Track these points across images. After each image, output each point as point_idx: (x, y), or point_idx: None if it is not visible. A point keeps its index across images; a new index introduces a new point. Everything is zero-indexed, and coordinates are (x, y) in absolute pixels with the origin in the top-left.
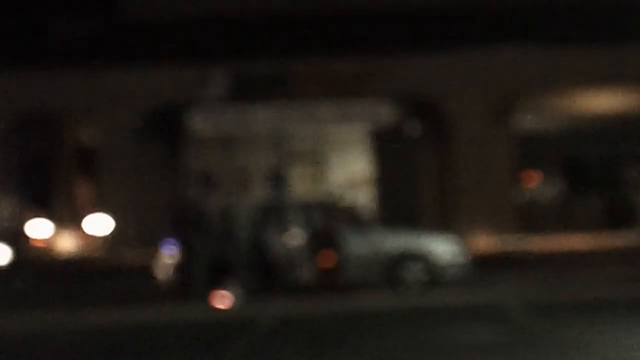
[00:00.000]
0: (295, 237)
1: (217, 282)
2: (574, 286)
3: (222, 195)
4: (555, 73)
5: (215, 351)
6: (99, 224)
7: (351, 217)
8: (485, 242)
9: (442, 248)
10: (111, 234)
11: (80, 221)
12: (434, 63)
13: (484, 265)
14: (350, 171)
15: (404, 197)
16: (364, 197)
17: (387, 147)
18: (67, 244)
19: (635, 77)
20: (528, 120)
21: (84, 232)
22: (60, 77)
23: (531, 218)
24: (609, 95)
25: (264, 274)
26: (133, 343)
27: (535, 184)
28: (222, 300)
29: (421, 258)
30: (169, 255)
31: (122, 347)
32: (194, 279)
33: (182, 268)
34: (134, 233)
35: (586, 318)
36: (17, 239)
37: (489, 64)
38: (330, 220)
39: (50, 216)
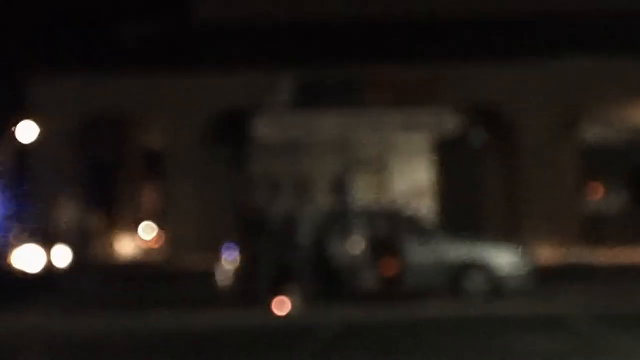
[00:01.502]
0: (358, 245)
1: (279, 288)
2: (639, 299)
3: (285, 201)
4: (621, 85)
5: (276, 357)
6: (161, 228)
7: (414, 226)
8: (550, 253)
9: (506, 258)
10: (174, 238)
11: (144, 224)
12: (500, 73)
13: (548, 277)
14: (414, 180)
15: (467, 207)
16: (427, 206)
17: (451, 156)
18: (130, 247)
19: None
20: (594, 132)
21: (147, 235)
22: (128, 81)
23: (596, 230)
24: None
25: (326, 281)
26: (193, 348)
27: (601, 195)
28: (283, 306)
29: (484, 268)
30: (230, 260)
31: (182, 352)
32: (256, 285)
33: (243, 273)
34: (197, 237)
35: None
36: (81, 242)
37: (555, 75)
38: (393, 228)
39: (114, 219)
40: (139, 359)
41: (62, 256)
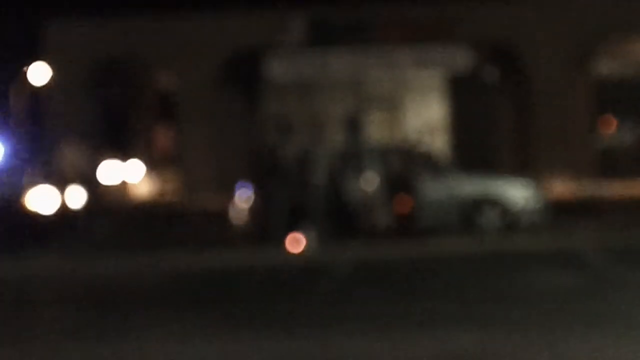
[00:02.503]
0: (371, 182)
1: (293, 226)
2: None
3: (299, 141)
4: (634, 18)
5: (291, 295)
6: (176, 169)
7: (427, 162)
8: (563, 187)
9: (519, 193)
10: (189, 178)
11: (159, 166)
12: (512, 9)
13: (561, 210)
14: (427, 116)
15: (480, 142)
16: (440, 143)
17: (464, 92)
18: (145, 188)
19: None
20: (607, 65)
21: (162, 176)
22: (139, 23)
23: (609, 163)
24: None
25: (339, 219)
26: (208, 287)
27: (614, 128)
28: (297, 243)
29: (498, 203)
30: (245, 200)
31: (197, 291)
32: (270, 224)
33: (258, 213)
34: (211, 177)
35: None
36: (95, 183)
37: (567, 9)
38: (406, 165)
39: (129, 160)
40: (154, 298)
41: (77, 197)
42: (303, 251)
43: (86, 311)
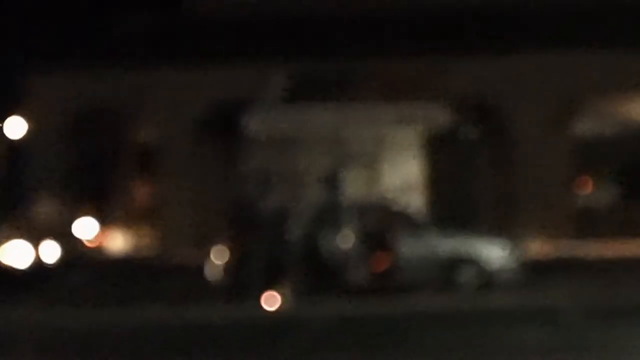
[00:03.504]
0: (349, 239)
1: (270, 282)
2: (629, 292)
3: (277, 196)
4: (614, 78)
5: (267, 352)
6: (153, 223)
7: (405, 220)
8: (540, 246)
9: (496, 252)
10: (164, 232)
11: (136, 219)
12: (492, 66)
13: (538, 270)
14: (405, 174)
15: (458, 201)
16: (418, 200)
17: (443, 150)
18: (121, 242)
19: None
20: (585, 125)
21: (138, 230)
22: (118, 75)
23: (586, 223)
24: None
25: (317, 275)
26: (183, 342)
27: (590, 189)
28: (273, 301)
29: (475, 262)
30: (221, 255)
31: (172, 346)
32: (246, 279)
33: (234, 268)
34: (188, 232)
35: None
36: (70, 238)
37: (547, 68)
38: (384, 222)
39: (105, 214)
40: (129, 353)
41: (51, 252)
42: (279, 307)
43: None
